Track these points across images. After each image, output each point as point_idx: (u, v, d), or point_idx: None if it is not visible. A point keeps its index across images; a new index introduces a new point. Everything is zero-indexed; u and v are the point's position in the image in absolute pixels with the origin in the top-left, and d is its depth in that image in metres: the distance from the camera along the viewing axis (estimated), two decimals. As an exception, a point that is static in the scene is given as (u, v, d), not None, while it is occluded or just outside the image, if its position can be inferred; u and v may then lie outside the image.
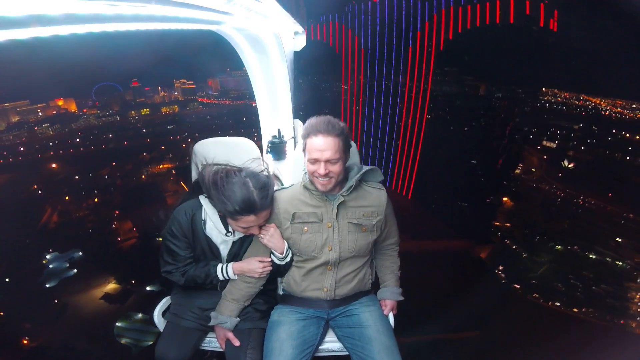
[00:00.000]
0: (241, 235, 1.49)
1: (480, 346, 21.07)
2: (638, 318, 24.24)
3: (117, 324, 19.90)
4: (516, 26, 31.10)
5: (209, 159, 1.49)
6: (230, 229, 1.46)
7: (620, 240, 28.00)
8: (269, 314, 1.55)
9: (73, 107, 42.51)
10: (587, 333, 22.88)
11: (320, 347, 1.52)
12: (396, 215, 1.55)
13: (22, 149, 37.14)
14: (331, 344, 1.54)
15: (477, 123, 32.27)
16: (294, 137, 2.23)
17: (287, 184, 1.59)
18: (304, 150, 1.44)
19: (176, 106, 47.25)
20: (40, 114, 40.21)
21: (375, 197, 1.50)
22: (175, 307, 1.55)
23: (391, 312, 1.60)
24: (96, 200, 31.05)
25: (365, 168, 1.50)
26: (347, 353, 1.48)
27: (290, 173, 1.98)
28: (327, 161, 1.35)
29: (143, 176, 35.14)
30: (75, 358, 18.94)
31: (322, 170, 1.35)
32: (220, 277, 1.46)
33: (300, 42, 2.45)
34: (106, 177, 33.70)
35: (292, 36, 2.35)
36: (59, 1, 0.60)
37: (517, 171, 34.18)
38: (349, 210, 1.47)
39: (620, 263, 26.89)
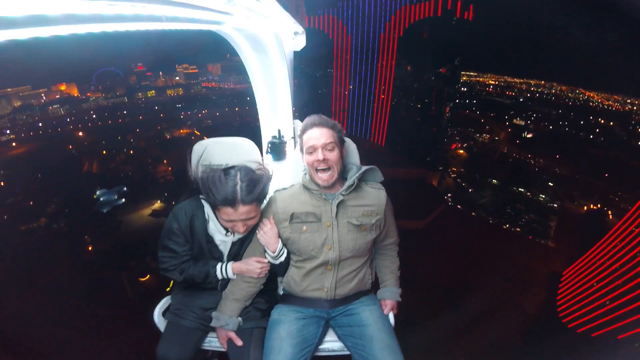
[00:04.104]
0: (240, 236, 1.45)
1: (422, 236, 26.98)
2: (554, 238, 29.49)
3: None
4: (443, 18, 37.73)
5: (208, 159, 1.48)
6: (229, 230, 1.42)
7: (552, 184, 33.27)
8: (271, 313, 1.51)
9: (75, 92, 43.79)
10: (511, 242, 28.10)
11: (320, 347, 1.50)
12: (373, 151, 1.85)
13: (40, 124, 38.84)
14: (332, 343, 1.53)
15: (426, 96, 40.32)
16: (294, 137, 2.18)
17: (287, 185, 1.55)
18: (301, 149, 1.43)
19: (181, 89, 48.94)
20: (44, 98, 41.44)
21: (375, 196, 1.48)
22: (176, 306, 1.51)
23: (391, 312, 1.58)
24: (131, 152, 34.73)
25: (365, 168, 1.48)
26: (348, 352, 1.46)
27: (290, 173, 1.98)
28: (323, 147, 1.36)
29: (167, 136, 39.39)
30: (131, 255, 23.10)
31: (320, 156, 1.36)
32: (220, 277, 1.44)
33: (300, 42, 2.45)
34: (132, 140, 37.08)
35: (292, 36, 2.33)
36: (59, 1, 0.60)
37: (482, 138, 40.98)
38: (348, 210, 1.44)
39: (547, 198, 31.90)
